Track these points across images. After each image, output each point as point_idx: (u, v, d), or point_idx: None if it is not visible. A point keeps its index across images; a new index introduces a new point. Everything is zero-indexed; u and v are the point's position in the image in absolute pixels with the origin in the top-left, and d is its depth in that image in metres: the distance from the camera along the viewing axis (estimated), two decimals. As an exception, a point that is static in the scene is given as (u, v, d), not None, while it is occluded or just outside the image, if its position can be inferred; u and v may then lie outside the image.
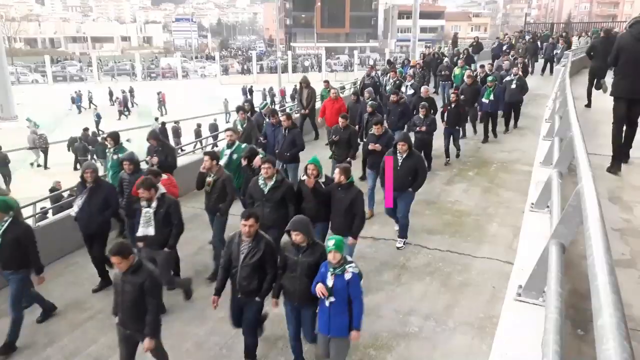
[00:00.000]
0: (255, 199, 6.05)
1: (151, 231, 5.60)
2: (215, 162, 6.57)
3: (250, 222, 4.55)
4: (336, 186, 5.85)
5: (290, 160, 8.57)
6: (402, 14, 78.02)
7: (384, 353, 4.99)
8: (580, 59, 17.58)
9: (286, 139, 8.48)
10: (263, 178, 5.96)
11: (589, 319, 2.58)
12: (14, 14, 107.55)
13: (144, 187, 5.54)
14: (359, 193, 5.83)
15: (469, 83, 12.26)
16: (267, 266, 4.67)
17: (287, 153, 8.46)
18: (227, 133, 8.09)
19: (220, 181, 6.47)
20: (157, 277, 4.43)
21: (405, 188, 6.86)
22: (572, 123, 4.36)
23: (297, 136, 8.53)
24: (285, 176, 6.11)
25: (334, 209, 5.88)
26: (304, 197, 6.06)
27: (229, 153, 7.74)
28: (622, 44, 5.87)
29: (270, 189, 5.92)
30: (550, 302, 1.83)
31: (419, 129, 9.45)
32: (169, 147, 8.09)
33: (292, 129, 8.54)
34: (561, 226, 2.37)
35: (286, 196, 5.96)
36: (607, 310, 1.29)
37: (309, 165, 5.91)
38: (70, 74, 51.20)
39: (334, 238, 4.15)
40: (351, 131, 8.56)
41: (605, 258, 1.56)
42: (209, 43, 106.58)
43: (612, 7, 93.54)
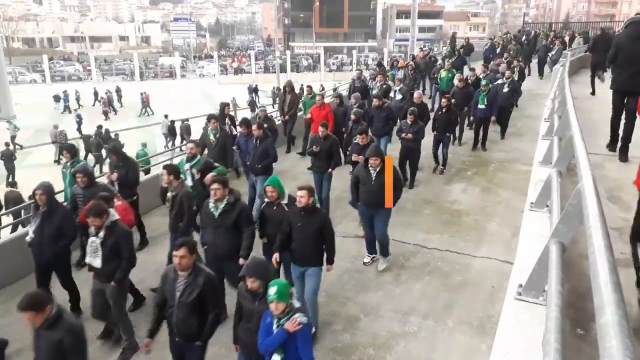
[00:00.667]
0: (206, 224, 5.36)
1: (98, 262, 4.97)
2: (175, 177, 6.04)
3: (181, 252, 3.93)
4: (299, 211, 5.06)
5: (262, 172, 7.99)
6: (401, 14, 78.03)
7: (383, 352, 5.00)
8: (579, 59, 17.63)
9: (257, 150, 7.95)
10: (213, 200, 5.24)
11: (588, 318, 2.59)
12: (11, 14, 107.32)
13: (93, 214, 4.86)
14: (327, 217, 5.24)
15: (460, 86, 11.82)
16: (208, 305, 4.03)
17: (258, 165, 7.95)
18: (189, 145, 7.49)
19: (179, 197, 5.96)
20: (80, 332, 3.74)
21: (380, 204, 6.30)
22: (571, 122, 4.36)
23: (269, 147, 8.01)
24: (238, 197, 5.35)
25: (298, 238, 5.07)
26: (268, 221, 5.46)
27: (189, 168, 7.19)
28: (619, 43, 6.46)
29: (222, 212, 5.20)
30: (551, 301, 1.83)
31: (405, 135, 8.96)
32: (131, 162, 7.53)
33: (263, 139, 8.02)
34: (561, 225, 2.37)
35: (240, 221, 5.23)
36: (609, 308, 1.30)
37: (268, 187, 5.31)
38: (69, 73, 51.16)
39: (276, 284, 3.49)
40: (332, 141, 8.02)
41: (607, 256, 1.56)
42: (208, 43, 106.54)
43: (610, 6, 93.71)
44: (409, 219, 8.03)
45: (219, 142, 8.77)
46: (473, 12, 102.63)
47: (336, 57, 61.86)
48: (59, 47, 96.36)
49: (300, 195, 5.00)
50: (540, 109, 12.07)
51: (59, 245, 5.57)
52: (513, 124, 13.51)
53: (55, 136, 21.95)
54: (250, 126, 8.36)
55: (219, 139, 8.79)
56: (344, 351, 5.04)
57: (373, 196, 6.29)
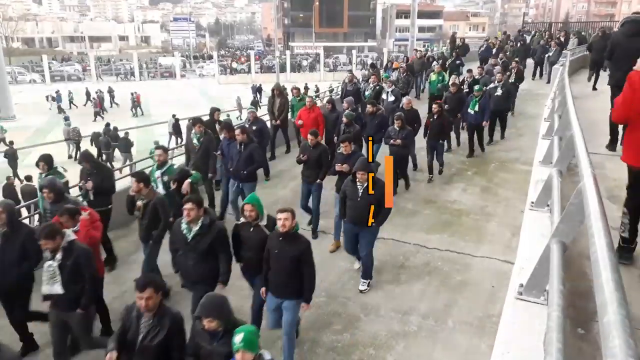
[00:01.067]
0: (177, 247, 4.89)
1: (58, 289, 4.40)
2: (144, 184, 5.71)
3: (146, 293, 3.53)
4: (277, 236, 4.51)
5: (247, 179, 7.65)
6: (400, 14, 78.06)
7: (383, 352, 4.99)
8: (577, 60, 17.68)
9: (242, 155, 7.53)
10: (186, 222, 4.73)
11: (589, 318, 2.59)
12: (11, 14, 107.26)
13: (44, 236, 4.34)
14: (308, 246, 4.57)
15: (453, 91, 11.31)
16: (173, 350, 3.67)
17: (243, 171, 7.52)
18: (157, 152, 6.89)
19: (152, 205, 5.60)
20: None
21: (365, 222, 5.86)
22: (572, 122, 4.36)
23: (254, 151, 7.60)
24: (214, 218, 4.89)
25: (274, 266, 4.57)
26: (244, 242, 4.96)
27: (159, 175, 6.69)
28: (615, 41, 6.75)
29: (195, 235, 4.70)
30: (553, 301, 1.83)
31: (393, 142, 8.58)
32: (105, 169, 7.06)
33: (248, 143, 7.59)
34: (562, 225, 2.37)
35: (215, 245, 4.75)
36: (611, 307, 1.29)
37: (246, 206, 4.80)
38: (68, 73, 51.17)
39: (243, 331, 3.14)
40: (322, 149, 7.49)
41: (609, 255, 1.56)
42: (207, 42, 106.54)
43: (610, 6, 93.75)
44: (409, 219, 8.03)
45: (203, 147, 8.28)
46: (473, 12, 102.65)
47: (336, 57, 61.81)
48: (59, 47, 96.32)
49: (282, 217, 4.42)
50: (540, 108, 12.08)
51: (23, 269, 4.93)
52: (513, 124, 13.52)
53: (69, 133, 22.33)
54: (232, 130, 7.99)
55: (203, 143, 8.29)
56: (344, 351, 5.04)
57: (359, 213, 5.86)
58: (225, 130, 8.21)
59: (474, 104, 10.58)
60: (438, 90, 13.49)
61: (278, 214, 4.46)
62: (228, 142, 8.00)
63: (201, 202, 4.82)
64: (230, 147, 7.86)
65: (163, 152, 6.95)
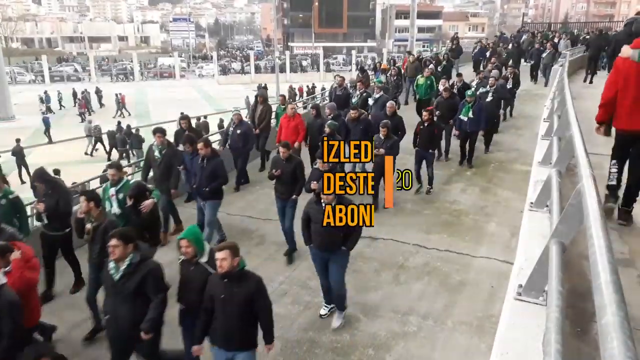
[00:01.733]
0: (105, 289, 4.32)
1: None
2: (95, 204, 5.23)
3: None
4: (221, 278, 3.88)
5: (211, 196, 7.12)
6: (400, 14, 78.04)
7: (383, 352, 4.99)
8: (576, 60, 17.71)
9: (204, 171, 6.99)
10: (112, 260, 4.13)
11: (588, 319, 2.59)
12: (10, 14, 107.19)
13: None
14: (259, 283, 3.94)
15: (445, 96, 10.66)
16: None
17: (205, 188, 7.01)
18: (110, 172, 6.22)
19: (102, 229, 5.11)
20: None
21: (335, 246, 5.18)
22: (571, 122, 4.36)
23: (217, 167, 7.06)
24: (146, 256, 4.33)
25: (221, 315, 3.92)
26: (183, 283, 4.33)
27: (114, 193, 6.06)
28: (618, 39, 7.81)
29: (122, 275, 4.09)
30: (552, 301, 1.83)
31: (377, 151, 7.85)
32: (62, 190, 6.41)
33: (212, 158, 7.07)
34: (561, 225, 2.37)
35: (147, 286, 4.11)
36: (610, 308, 1.29)
37: (182, 241, 4.20)
38: (68, 73, 51.18)
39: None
40: (296, 163, 6.87)
41: (607, 257, 1.56)
42: (207, 43, 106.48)
43: (609, 7, 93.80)
44: (408, 219, 8.03)
45: (164, 161, 7.55)
46: (472, 12, 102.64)
47: (335, 57, 61.79)
48: (58, 48, 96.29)
49: (219, 257, 3.82)
50: (538, 108, 12.09)
51: None
52: (512, 124, 13.54)
53: (90, 130, 23.17)
54: (194, 143, 7.35)
55: (164, 156, 7.56)
56: (343, 351, 5.04)
57: (325, 238, 5.15)
58: (187, 143, 7.58)
59: (466, 110, 9.96)
60: (427, 94, 13.01)
61: (216, 252, 3.89)
62: (191, 156, 7.42)
63: (129, 237, 4.19)
64: (193, 162, 7.33)
65: (117, 170, 6.26)
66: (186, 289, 4.27)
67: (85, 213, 5.26)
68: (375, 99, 11.30)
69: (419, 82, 13.34)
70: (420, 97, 13.27)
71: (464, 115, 9.96)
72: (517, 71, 14.30)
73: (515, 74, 13.75)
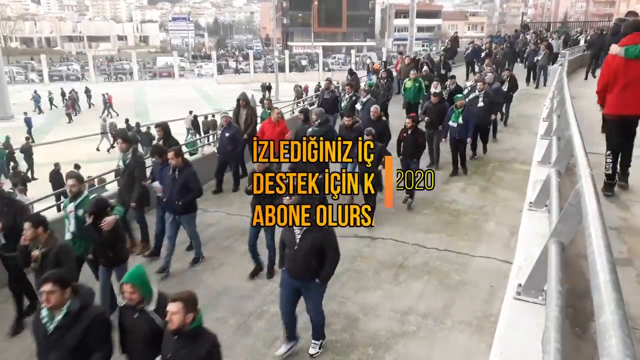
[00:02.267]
0: (37, 341, 3.58)
1: None
2: (43, 229, 4.65)
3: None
4: (171, 335, 3.35)
5: (184, 211, 6.54)
6: (399, 13, 78.09)
7: (382, 352, 5.00)
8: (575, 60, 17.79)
9: (176, 183, 6.42)
10: (46, 308, 3.45)
11: (587, 318, 2.60)
12: (9, 13, 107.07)
13: None
14: (212, 349, 3.36)
15: (434, 101, 10.06)
16: None
17: (178, 201, 6.43)
18: (69, 182, 5.65)
19: (53, 255, 4.57)
20: None
21: (309, 276, 4.68)
22: (570, 122, 4.37)
23: (190, 178, 6.48)
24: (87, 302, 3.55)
25: None
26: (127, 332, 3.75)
27: (72, 209, 5.51)
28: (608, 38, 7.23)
29: (58, 326, 3.42)
30: (551, 300, 1.84)
31: None
32: (17, 206, 5.88)
33: (184, 168, 6.50)
34: (561, 225, 2.38)
35: (88, 339, 3.45)
36: (608, 307, 1.30)
37: (124, 286, 3.61)
38: (67, 73, 51.13)
39: None
40: None
41: (606, 256, 1.57)
42: (206, 42, 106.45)
43: (608, 6, 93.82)
44: (407, 219, 8.04)
45: (128, 171, 7.01)
46: (471, 12, 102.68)
47: (334, 57, 61.75)
48: (57, 47, 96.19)
49: (170, 311, 3.27)
50: (537, 108, 12.10)
51: None
52: (511, 123, 13.53)
53: (105, 128, 23.75)
54: (164, 153, 6.79)
55: (127, 166, 7.02)
56: (342, 351, 5.04)
57: (297, 265, 4.64)
58: (156, 154, 7.06)
59: (456, 115, 9.38)
60: (415, 99, 12.50)
61: (168, 304, 3.32)
62: (161, 167, 6.90)
63: (65, 280, 3.51)
64: (163, 173, 6.78)
65: (76, 181, 5.62)
66: (129, 338, 3.74)
67: (30, 240, 4.64)
68: (362, 103, 10.78)
69: (407, 86, 12.76)
70: (408, 101, 12.71)
71: (453, 121, 9.42)
72: (513, 74, 13.55)
73: (512, 77, 13.12)
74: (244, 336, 5.31)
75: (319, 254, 4.62)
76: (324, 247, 4.61)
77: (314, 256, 4.60)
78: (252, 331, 5.40)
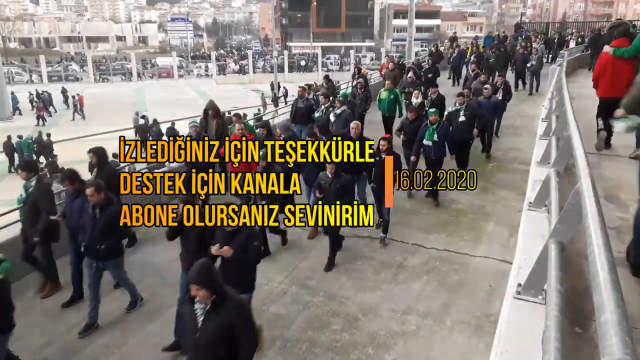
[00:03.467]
0: None
1: None
2: None
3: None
4: None
5: (108, 256, 5.41)
6: (398, 14, 78.16)
7: (382, 352, 5.01)
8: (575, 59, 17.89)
9: (97, 223, 5.27)
10: None
11: (586, 317, 2.61)
12: (8, 14, 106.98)
13: None
14: None
15: (410, 117, 8.84)
16: None
17: (100, 246, 5.27)
18: None
19: None
20: None
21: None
22: (569, 122, 4.38)
23: (114, 218, 5.19)
24: None
25: None
26: None
27: None
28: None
29: None
30: (551, 300, 1.84)
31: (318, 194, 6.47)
32: None
33: (106, 206, 5.31)
34: (560, 225, 2.38)
35: None
36: (609, 306, 1.31)
37: None
38: (66, 73, 51.09)
39: None
40: None
41: (606, 255, 1.57)
42: (205, 43, 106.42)
43: (607, 6, 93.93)
44: (407, 219, 8.04)
45: (29, 201, 6.02)
46: (470, 12, 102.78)
47: (328, 58, 61.54)
48: (56, 47, 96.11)
49: None
50: (537, 108, 12.12)
51: None
52: (510, 123, 13.53)
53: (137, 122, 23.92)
54: (75, 180, 5.75)
55: (29, 196, 6.05)
56: (342, 350, 5.05)
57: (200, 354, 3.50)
58: (66, 180, 5.84)
59: (430, 133, 8.14)
60: (390, 111, 11.24)
61: None
62: (72, 199, 5.75)
63: None
64: (73, 206, 5.67)
65: None
66: None
67: None
68: (336, 114, 9.64)
69: (381, 97, 11.37)
70: (383, 113, 11.42)
71: (427, 139, 8.17)
72: (507, 81, 12.60)
73: (506, 83, 12.07)
74: (244, 336, 5.30)
75: (227, 338, 3.40)
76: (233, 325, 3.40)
77: (221, 341, 3.40)
78: (252, 331, 5.39)
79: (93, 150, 6.70)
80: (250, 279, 4.82)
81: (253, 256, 4.65)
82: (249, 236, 4.61)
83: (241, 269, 4.62)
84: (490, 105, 10.50)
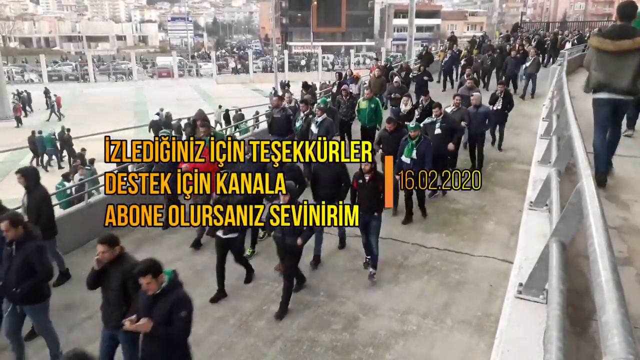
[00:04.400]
0: None
1: None
2: None
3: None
4: None
5: (27, 300, 4.71)
6: (399, 13, 78.15)
7: (383, 351, 5.01)
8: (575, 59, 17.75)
9: (14, 262, 4.55)
10: None
11: (587, 317, 2.61)
12: (8, 13, 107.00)
13: None
14: None
15: (389, 129, 8.02)
16: None
17: (16, 289, 4.56)
18: None
19: None
20: None
21: None
22: (570, 122, 4.38)
23: (34, 256, 4.57)
24: None
25: None
26: None
27: None
28: None
29: None
30: (552, 300, 1.84)
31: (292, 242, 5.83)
32: None
33: (24, 242, 4.58)
34: (561, 224, 2.38)
35: None
36: (610, 306, 1.31)
37: None
38: (66, 73, 51.04)
39: None
40: None
41: (607, 255, 1.57)
42: (205, 42, 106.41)
43: (607, 6, 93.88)
44: (406, 218, 8.03)
45: None
46: (470, 12, 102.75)
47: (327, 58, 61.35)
48: (56, 47, 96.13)
49: None
50: (537, 108, 12.11)
51: None
52: (510, 123, 13.45)
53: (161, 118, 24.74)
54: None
55: None
56: (343, 350, 5.05)
57: None
58: None
59: (409, 149, 7.46)
60: (370, 122, 10.40)
61: None
62: None
63: None
64: None
65: None
66: None
67: None
68: (317, 122, 9.05)
69: (361, 107, 10.48)
70: (363, 124, 10.54)
71: (407, 155, 7.49)
72: (507, 88, 11.71)
73: (507, 92, 11.08)
74: (244, 336, 5.32)
75: None
76: None
77: None
78: (253, 331, 5.41)
79: (21, 171, 5.98)
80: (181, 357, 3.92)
81: (178, 329, 3.72)
82: (175, 303, 3.70)
83: (168, 343, 3.79)
84: (480, 116, 9.50)
